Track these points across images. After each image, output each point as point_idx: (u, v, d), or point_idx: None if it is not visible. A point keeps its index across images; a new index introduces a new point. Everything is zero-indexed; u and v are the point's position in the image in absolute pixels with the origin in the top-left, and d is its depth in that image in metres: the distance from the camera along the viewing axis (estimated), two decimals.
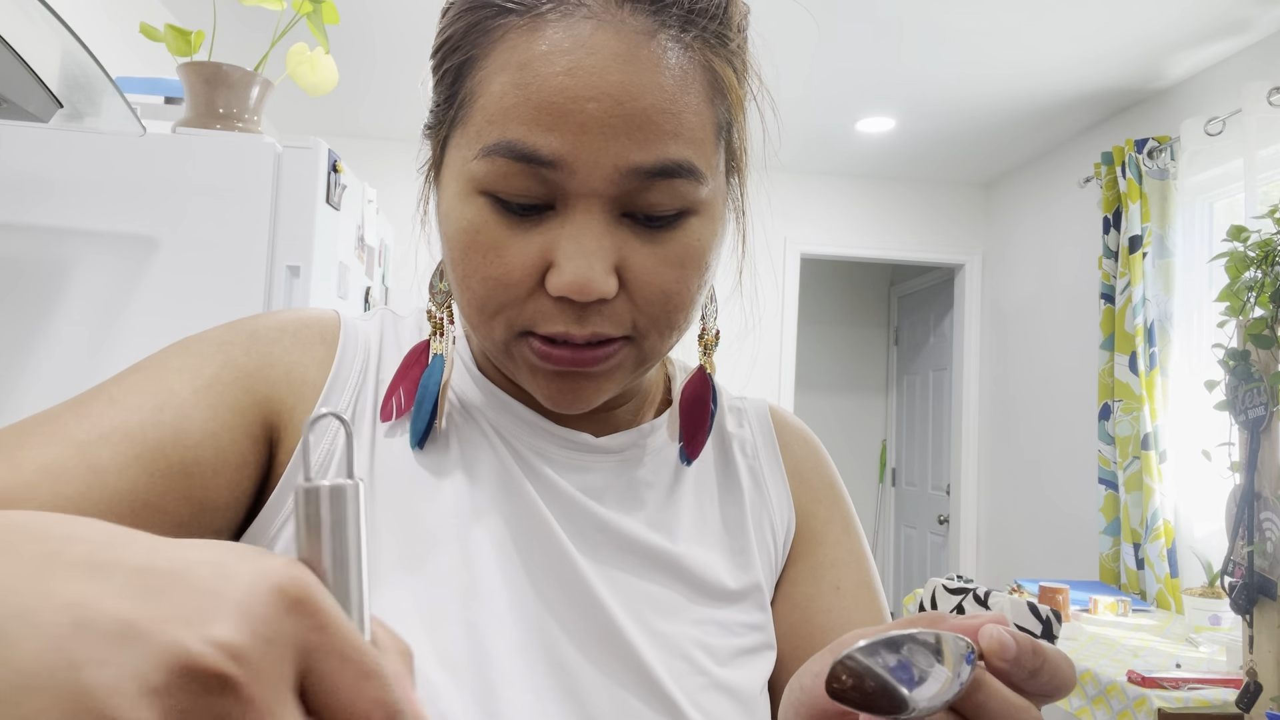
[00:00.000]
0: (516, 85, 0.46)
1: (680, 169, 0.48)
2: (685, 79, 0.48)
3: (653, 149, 0.47)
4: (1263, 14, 2.51)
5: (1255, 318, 1.80)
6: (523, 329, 0.50)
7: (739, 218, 0.58)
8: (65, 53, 1.34)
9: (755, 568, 0.60)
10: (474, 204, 0.49)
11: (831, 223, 4.25)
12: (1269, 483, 1.75)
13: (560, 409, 0.52)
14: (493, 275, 0.49)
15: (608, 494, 0.58)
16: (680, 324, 0.52)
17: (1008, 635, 0.36)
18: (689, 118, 0.48)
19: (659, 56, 0.47)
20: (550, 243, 0.48)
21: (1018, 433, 3.87)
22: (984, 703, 0.35)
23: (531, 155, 0.46)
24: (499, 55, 0.47)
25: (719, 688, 0.54)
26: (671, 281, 0.49)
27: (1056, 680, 0.37)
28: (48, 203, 1.57)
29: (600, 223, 0.48)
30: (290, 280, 1.60)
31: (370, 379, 0.57)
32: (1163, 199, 2.90)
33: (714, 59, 0.49)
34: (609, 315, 0.49)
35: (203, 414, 0.49)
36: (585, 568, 0.54)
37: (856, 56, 2.94)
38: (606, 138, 0.46)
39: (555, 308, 0.48)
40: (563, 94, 0.45)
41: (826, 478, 0.67)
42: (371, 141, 4.01)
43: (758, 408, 0.68)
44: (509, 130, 0.46)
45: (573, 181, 0.47)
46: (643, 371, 0.54)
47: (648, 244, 0.49)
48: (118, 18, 2.41)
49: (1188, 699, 1.83)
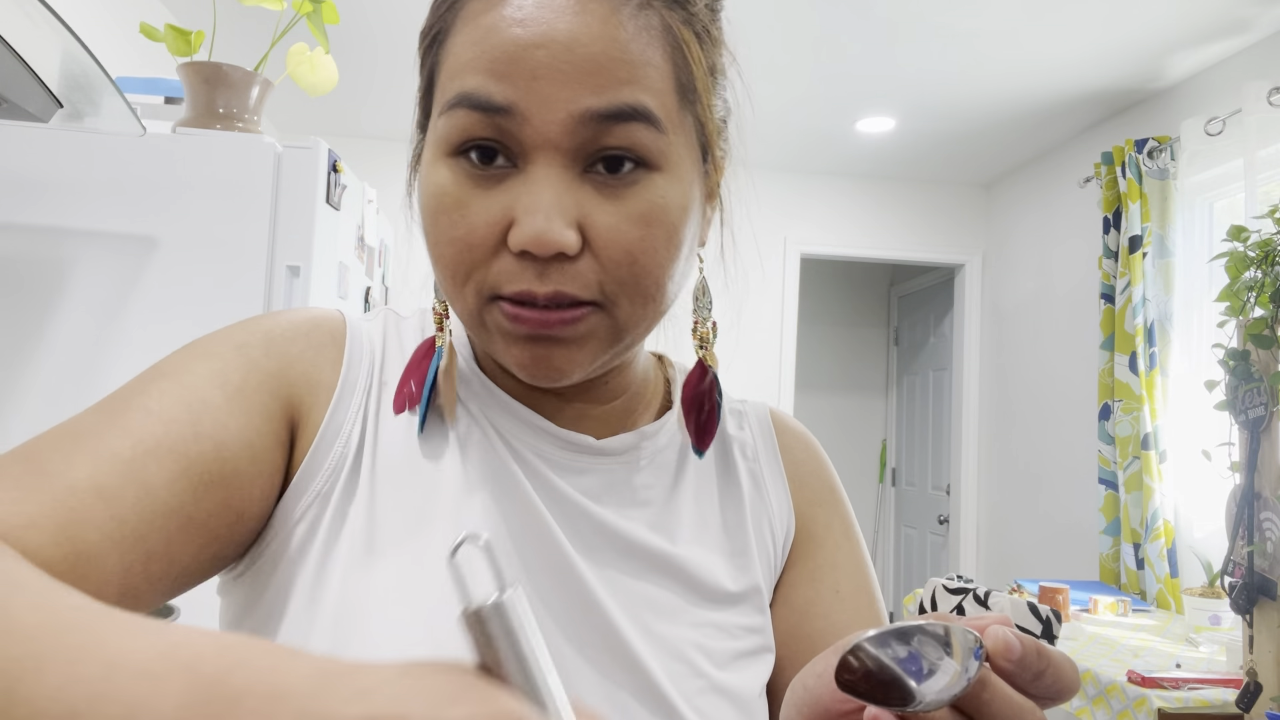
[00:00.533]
0: (474, 42, 0.48)
1: (635, 112, 0.48)
2: (640, 33, 0.48)
3: (605, 93, 0.47)
4: (1263, 14, 2.51)
5: (1255, 318, 1.80)
6: (491, 293, 0.50)
7: (719, 205, 0.58)
8: (65, 53, 1.34)
9: (754, 570, 0.60)
10: (442, 168, 0.50)
11: (831, 223, 4.25)
12: (1269, 483, 1.75)
13: (535, 380, 0.52)
14: (458, 236, 0.49)
15: (607, 496, 0.58)
16: (652, 292, 0.51)
17: (1013, 636, 0.36)
18: (644, 69, 0.48)
19: (613, 9, 0.48)
20: (512, 199, 0.48)
21: (1018, 433, 3.87)
22: (989, 701, 0.35)
23: (485, 102, 0.47)
24: (463, 24, 0.50)
25: (717, 690, 0.54)
26: (635, 240, 0.49)
27: (1060, 683, 0.37)
28: (48, 203, 1.57)
29: (559, 177, 0.48)
30: (290, 280, 1.60)
31: (376, 381, 0.58)
32: (1163, 199, 2.90)
33: (672, 18, 0.50)
34: (572, 275, 0.48)
35: (238, 422, 0.49)
36: (584, 569, 0.54)
37: (856, 56, 2.94)
38: (557, 84, 0.47)
39: (518, 265, 0.48)
40: (515, 43, 0.47)
41: (827, 482, 0.67)
42: (371, 141, 4.01)
43: (758, 411, 0.68)
44: (465, 82, 0.48)
45: (527, 130, 0.47)
46: (621, 347, 0.53)
47: (610, 200, 0.49)
48: (118, 18, 2.41)
49: (1188, 699, 1.83)
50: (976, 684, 0.35)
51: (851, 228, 4.26)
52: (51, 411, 1.55)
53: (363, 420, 0.56)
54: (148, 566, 0.44)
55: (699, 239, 0.57)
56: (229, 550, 0.50)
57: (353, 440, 0.54)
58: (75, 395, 1.55)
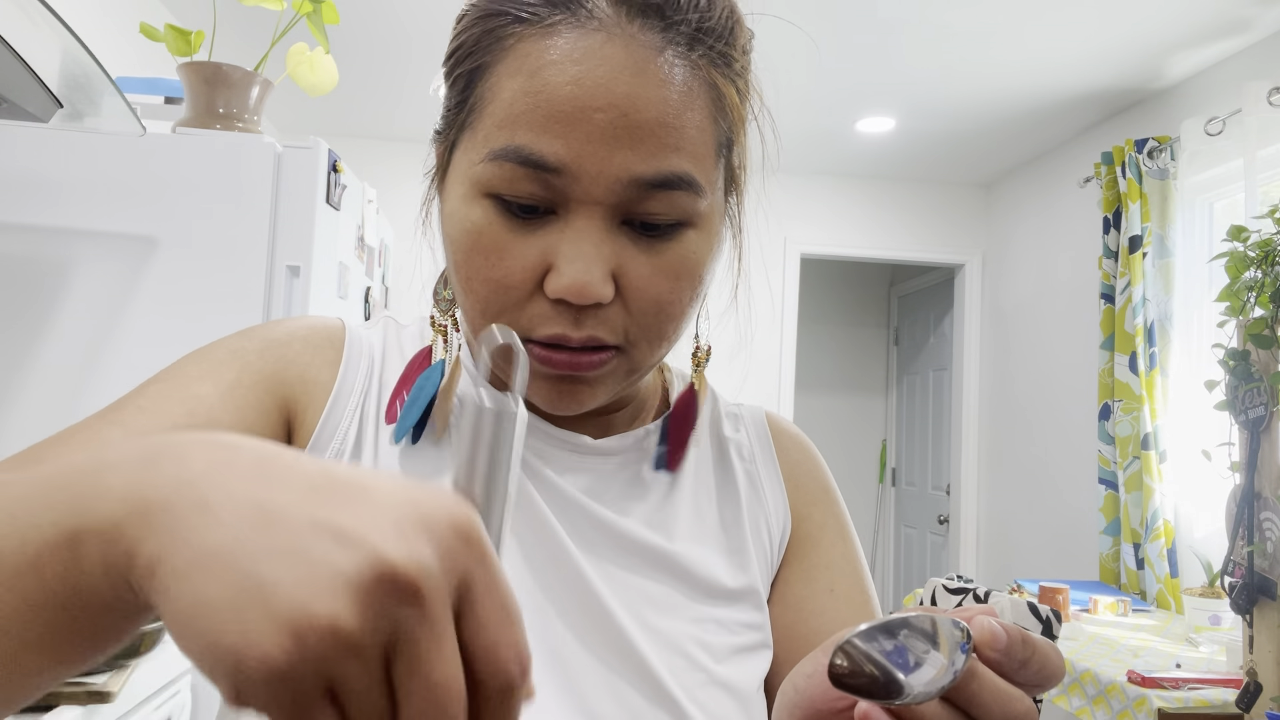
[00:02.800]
0: (526, 92, 0.48)
1: (680, 181, 0.49)
2: (690, 95, 0.49)
3: (654, 161, 0.48)
4: (1263, 14, 2.51)
5: (1255, 318, 1.80)
6: (522, 335, 0.51)
7: (736, 235, 0.59)
8: (65, 53, 1.34)
9: (752, 568, 0.61)
10: (479, 207, 0.50)
11: (831, 223, 4.25)
12: (1269, 483, 1.75)
13: (556, 411, 0.54)
14: (494, 277, 0.50)
15: (606, 494, 0.59)
16: (670, 335, 0.53)
17: (998, 626, 0.36)
18: (691, 133, 0.49)
19: (666, 72, 0.48)
20: (550, 246, 0.49)
21: (1018, 433, 3.87)
22: (978, 692, 0.36)
23: (538, 161, 0.47)
24: (510, 62, 0.49)
25: (717, 684, 0.55)
26: (665, 292, 0.51)
27: (1046, 670, 0.37)
28: (48, 203, 1.57)
29: (600, 229, 0.49)
30: (290, 280, 1.60)
31: (375, 384, 0.59)
32: (1163, 199, 2.90)
33: (718, 78, 0.51)
34: (604, 320, 0.50)
35: (231, 416, 0.51)
36: (585, 564, 0.55)
37: (856, 56, 2.94)
38: (611, 147, 0.47)
39: (553, 310, 0.50)
40: (571, 103, 0.47)
41: (822, 482, 0.68)
42: (371, 141, 4.01)
43: (754, 413, 0.70)
44: (517, 136, 0.48)
45: (576, 188, 0.48)
46: (633, 380, 0.55)
47: (644, 253, 0.50)
48: (118, 18, 2.41)
49: (1188, 699, 1.83)
50: (965, 675, 0.35)
51: (851, 228, 4.26)
52: (52, 410, 1.55)
53: (359, 422, 0.56)
54: None
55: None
56: None
57: (349, 440, 0.55)
58: (75, 394, 1.55)
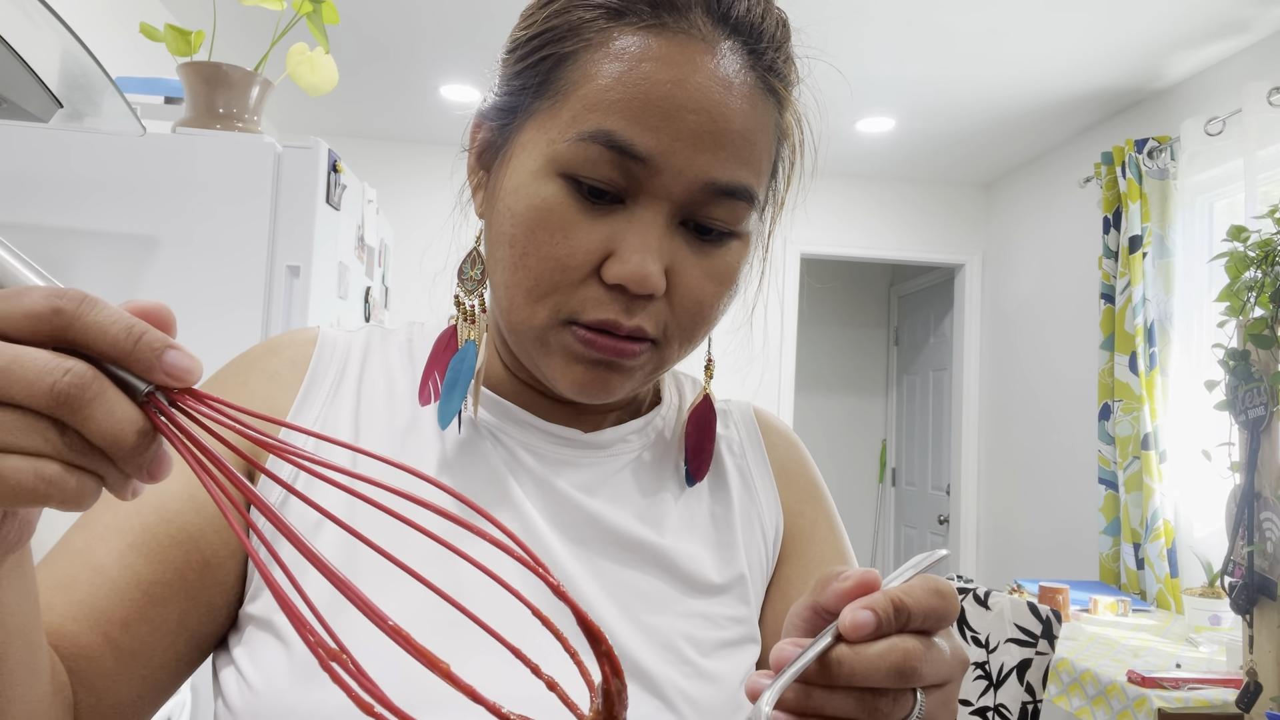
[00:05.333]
0: (624, 82, 0.49)
1: (745, 193, 0.52)
2: (763, 118, 0.53)
3: (730, 169, 0.51)
4: (1263, 14, 2.51)
5: (1255, 318, 1.80)
6: (568, 317, 0.52)
7: (764, 255, 0.62)
8: (65, 53, 1.34)
9: (740, 561, 0.62)
10: (552, 184, 0.51)
11: (831, 223, 4.25)
12: (1269, 483, 1.75)
13: (583, 398, 0.54)
14: (555, 255, 0.51)
15: (597, 489, 0.59)
16: (699, 338, 0.56)
17: (865, 614, 0.36)
18: (760, 151, 0.53)
19: (750, 90, 0.52)
20: (615, 233, 0.51)
21: (1018, 433, 3.87)
22: (836, 677, 0.36)
23: (627, 148, 0.49)
24: (609, 50, 0.50)
25: (703, 676, 0.56)
26: (709, 295, 0.54)
27: (932, 620, 0.37)
28: (48, 203, 1.57)
29: (663, 224, 0.51)
30: (290, 280, 1.60)
31: (349, 384, 0.59)
32: (1163, 199, 2.90)
33: (785, 108, 0.56)
34: (652, 314, 0.52)
35: (178, 484, 0.52)
36: (574, 559, 0.55)
37: (856, 56, 2.94)
38: (696, 149, 0.50)
39: (607, 296, 0.51)
40: (669, 100, 0.49)
41: (811, 478, 0.69)
42: (371, 141, 4.01)
43: (743, 409, 0.71)
44: (609, 120, 0.49)
45: (654, 181, 0.50)
46: (655, 377, 0.57)
47: (695, 254, 0.53)
48: (118, 18, 2.41)
49: (1188, 699, 1.83)
50: (833, 665, 0.36)
51: (851, 228, 4.26)
52: None
53: (322, 423, 0.57)
54: (128, 631, 0.49)
55: None
56: (218, 596, 0.53)
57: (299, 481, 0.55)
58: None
